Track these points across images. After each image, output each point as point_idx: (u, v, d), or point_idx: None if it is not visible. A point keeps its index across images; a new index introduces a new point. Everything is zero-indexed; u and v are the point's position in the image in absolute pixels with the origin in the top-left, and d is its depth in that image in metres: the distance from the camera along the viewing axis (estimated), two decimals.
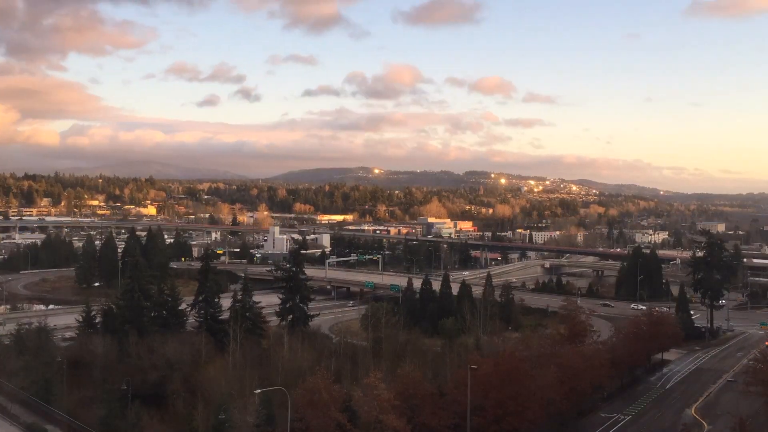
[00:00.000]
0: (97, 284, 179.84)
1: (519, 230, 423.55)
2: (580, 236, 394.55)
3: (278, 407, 53.78)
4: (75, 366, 76.70)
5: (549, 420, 66.53)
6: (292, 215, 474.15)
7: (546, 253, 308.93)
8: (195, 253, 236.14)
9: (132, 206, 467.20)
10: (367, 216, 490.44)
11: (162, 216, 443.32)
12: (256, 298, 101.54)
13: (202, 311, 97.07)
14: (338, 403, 53.11)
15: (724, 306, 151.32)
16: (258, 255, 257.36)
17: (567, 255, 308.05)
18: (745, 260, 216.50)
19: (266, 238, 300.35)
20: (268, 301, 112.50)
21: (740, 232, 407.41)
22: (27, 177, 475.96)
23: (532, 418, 60.82)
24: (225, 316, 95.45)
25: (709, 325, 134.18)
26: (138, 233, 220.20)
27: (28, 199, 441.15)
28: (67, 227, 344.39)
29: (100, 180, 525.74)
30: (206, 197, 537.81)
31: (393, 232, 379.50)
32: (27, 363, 72.77)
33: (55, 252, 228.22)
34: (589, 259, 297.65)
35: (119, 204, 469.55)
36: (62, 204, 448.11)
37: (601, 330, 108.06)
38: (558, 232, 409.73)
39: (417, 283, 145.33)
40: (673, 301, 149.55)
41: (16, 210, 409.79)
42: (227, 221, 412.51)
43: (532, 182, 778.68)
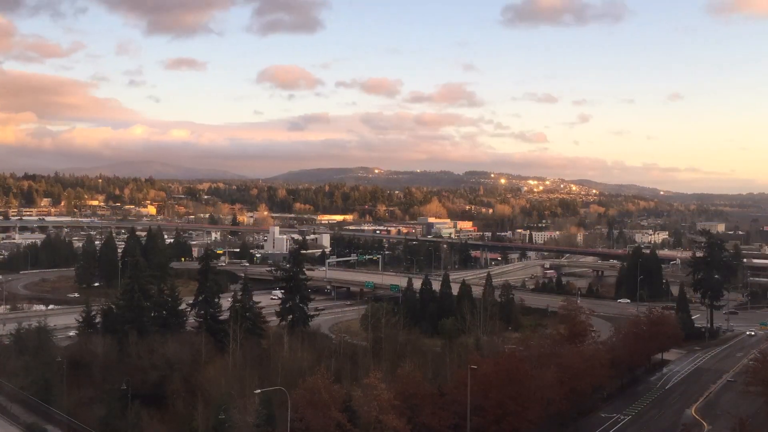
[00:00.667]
0: (97, 284, 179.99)
1: (519, 230, 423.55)
2: (580, 236, 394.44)
3: (278, 407, 53.75)
4: (75, 366, 76.71)
5: (549, 420, 66.53)
6: (292, 215, 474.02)
7: (546, 253, 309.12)
8: (195, 253, 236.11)
9: (132, 206, 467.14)
10: (367, 216, 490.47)
11: (162, 216, 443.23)
12: (256, 298, 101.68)
13: (202, 311, 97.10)
14: (338, 403, 53.10)
15: (724, 306, 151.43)
16: (258, 255, 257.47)
17: (567, 255, 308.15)
18: (745, 260, 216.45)
19: (266, 238, 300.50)
20: (268, 301, 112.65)
21: (740, 232, 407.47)
22: (27, 177, 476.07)
23: (532, 418, 60.81)
24: (225, 316, 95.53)
25: (709, 325, 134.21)
26: (138, 233, 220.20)
27: (28, 199, 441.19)
28: (67, 227, 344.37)
29: (100, 180, 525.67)
30: (206, 197, 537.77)
31: (393, 232, 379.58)
32: (27, 363, 72.82)
33: (55, 252, 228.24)
34: (589, 259, 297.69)
35: (119, 204, 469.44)
36: (62, 204, 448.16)
37: (601, 330, 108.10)
38: (558, 232, 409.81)
39: (417, 284, 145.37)
40: (673, 301, 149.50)
41: (16, 210, 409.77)
42: (227, 221, 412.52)
43: (532, 182, 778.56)
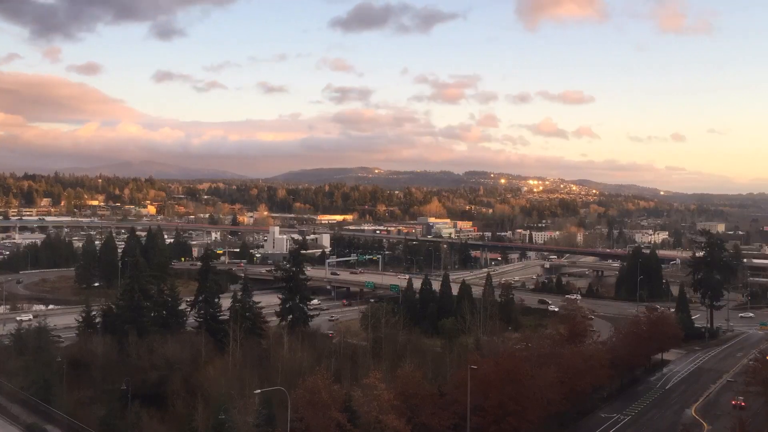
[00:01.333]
0: (97, 284, 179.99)
1: (519, 230, 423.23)
2: (580, 236, 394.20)
3: (278, 407, 53.73)
4: (75, 366, 76.79)
5: (549, 420, 66.51)
6: (292, 215, 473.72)
7: (546, 253, 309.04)
8: (195, 253, 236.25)
9: (132, 206, 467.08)
10: (367, 216, 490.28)
11: (162, 216, 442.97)
12: (256, 298, 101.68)
13: (202, 311, 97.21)
14: (338, 403, 53.08)
15: (724, 306, 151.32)
16: (258, 255, 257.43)
17: (567, 255, 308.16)
18: (745, 260, 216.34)
19: (266, 238, 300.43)
20: (268, 301, 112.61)
21: (740, 232, 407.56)
22: (27, 177, 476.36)
23: (532, 419, 60.76)
24: (225, 316, 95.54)
25: (709, 325, 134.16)
26: (138, 233, 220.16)
27: (28, 199, 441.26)
28: (67, 227, 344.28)
29: (100, 180, 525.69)
30: (206, 197, 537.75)
31: (393, 232, 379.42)
32: (27, 363, 72.81)
33: (55, 252, 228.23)
34: (589, 259, 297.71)
35: (119, 204, 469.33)
36: (62, 204, 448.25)
37: (601, 330, 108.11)
38: (558, 232, 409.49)
39: (417, 284, 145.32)
40: (673, 302, 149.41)
41: (16, 210, 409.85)
42: (227, 221, 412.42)
43: (532, 182, 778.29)
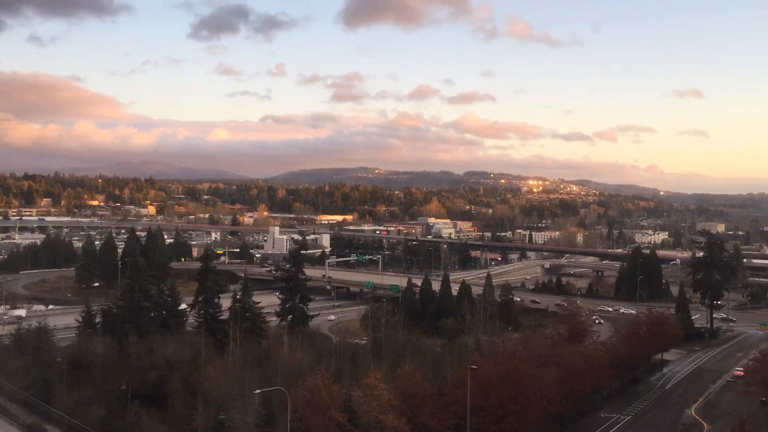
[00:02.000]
0: (97, 284, 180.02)
1: (519, 230, 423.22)
2: (580, 236, 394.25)
3: (278, 407, 53.73)
4: (75, 366, 76.73)
5: (549, 420, 66.51)
6: (292, 215, 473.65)
7: (546, 253, 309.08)
8: (195, 254, 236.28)
9: (132, 206, 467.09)
10: (367, 216, 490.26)
11: (162, 216, 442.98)
12: (256, 298, 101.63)
13: (202, 311, 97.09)
14: (338, 403, 53.06)
15: (724, 306, 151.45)
16: (258, 255, 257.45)
17: (567, 255, 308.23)
18: (745, 260, 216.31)
19: (266, 239, 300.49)
20: (268, 301, 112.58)
21: (740, 233, 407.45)
22: (27, 177, 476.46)
23: (532, 419, 60.77)
24: (225, 316, 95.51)
25: (709, 326, 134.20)
26: (138, 233, 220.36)
27: (28, 199, 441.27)
28: (67, 227, 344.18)
29: (100, 180, 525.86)
30: (206, 197, 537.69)
31: (393, 233, 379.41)
32: (27, 363, 72.78)
33: (55, 252, 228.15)
34: (589, 260, 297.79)
35: (119, 204, 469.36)
36: (62, 204, 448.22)
37: (601, 330, 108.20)
38: (558, 233, 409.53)
39: (417, 284, 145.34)
40: (673, 302, 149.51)
41: (16, 210, 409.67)
42: (227, 221, 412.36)
43: (532, 182, 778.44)
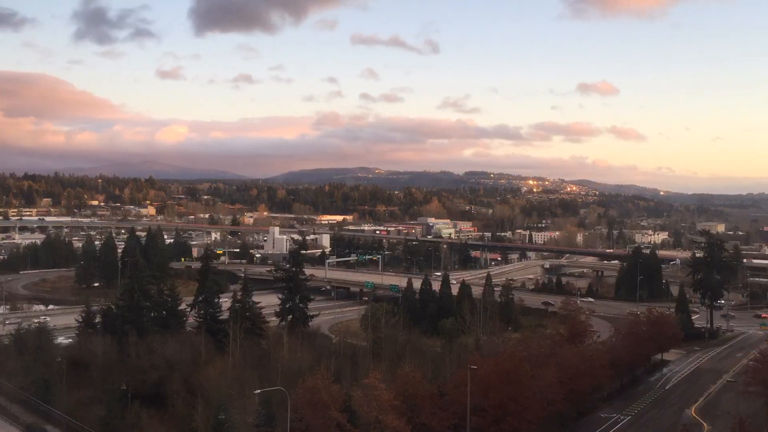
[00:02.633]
0: (97, 284, 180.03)
1: (519, 230, 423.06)
2: (580, 236, 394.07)
3: (278, 407, 53.72)
4: (75, 366, 76.74)
5: (549, 420, 66.50)
6: (292, 215, 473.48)
7: (546, 253, 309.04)
8: (195, 254, 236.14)
9: (132, 206, 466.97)
10: (367, 216, 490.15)
11: (162, 216, 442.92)
12: (256, 299, 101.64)
13: (202, 311, 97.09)
14: (338, 403, 53.05)
15: (724, 306, 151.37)
16: (258, 255, 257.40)
17: (567, 255, 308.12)
18: (745, 260, 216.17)
19: (266, 239, 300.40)
20: (268, 301, 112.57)
21: (740, 233, 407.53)
22: (27, 177, 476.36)
23: (532, 419, 60.76)
24: (225, 317, 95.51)
25: (709, 326, 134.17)
26: (138, 233, 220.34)
27: (28, 199, 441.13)
28: (67, 227, 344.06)
29: (100, 180, 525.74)
30: (206, 197, 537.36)
31: (393, 233, 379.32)
32: (27, 363, 72.79)
33: (55, 252, 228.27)
34: (589, 260, 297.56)
35: (119, 204, 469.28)
36: (62, 204, 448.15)
37: (601, 330, 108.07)
38: (558, 233, 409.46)
39: (417, 284, 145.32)
40: (673, 302, 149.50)
41: (16, 210, 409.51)
42: (227, 221, 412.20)
43: (532, 182, 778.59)
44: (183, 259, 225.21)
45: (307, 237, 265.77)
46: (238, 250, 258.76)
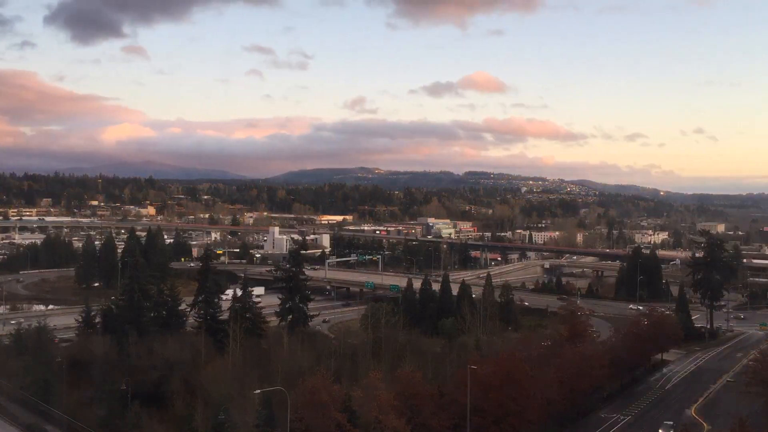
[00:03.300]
0: (97, 284, 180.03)
1: (519, 230, 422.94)
2: (580, 237, 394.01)
3: (278, 407, 53.73)
4: (75, 366, 76.76)
5: (549, 420, 66.54)
6: (292, 215, 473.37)
7: (546, 253, 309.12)
8: (195, 254, 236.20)
9: (132, 206, 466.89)
10: (367, 216, 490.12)
11: (162, 216, 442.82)
12: (256, 299, 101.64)
13: (202, 311, 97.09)
14: (338, 403, 53.07)
15: (724, 306, 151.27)
16: (258, 255, 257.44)
17: (567, 255, 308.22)
18: (745, 260, 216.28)
19: (266, 239, 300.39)
20: (268, 302, 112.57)
21: (740, 233, 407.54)
22: (27, 177, 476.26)
23: (532, 419, 60.83)
24: (225, 316, 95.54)
25: (709, 326, 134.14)
26: (138, 233, 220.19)
27: (28, 199, 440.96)
28: (67, 227, 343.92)
29: (100, 180, 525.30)
30: (206, 197, 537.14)
31: (393, 233, 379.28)
32: (27, 363, 72.82)
33: (55, 252, 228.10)
34: (589, 260, 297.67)
35: (119, 204, 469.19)
36: (62, 204, 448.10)
37: (601, 330, 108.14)
38: (558, 233, 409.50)
39: (417, 284, 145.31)
40: (673, 302, 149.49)
41: (16, 210, 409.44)
42: (227, 221, 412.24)
43: (532, 182, 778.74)
44: (183, 259, 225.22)
45: (307, 237, 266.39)
46: (238, 250, 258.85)
